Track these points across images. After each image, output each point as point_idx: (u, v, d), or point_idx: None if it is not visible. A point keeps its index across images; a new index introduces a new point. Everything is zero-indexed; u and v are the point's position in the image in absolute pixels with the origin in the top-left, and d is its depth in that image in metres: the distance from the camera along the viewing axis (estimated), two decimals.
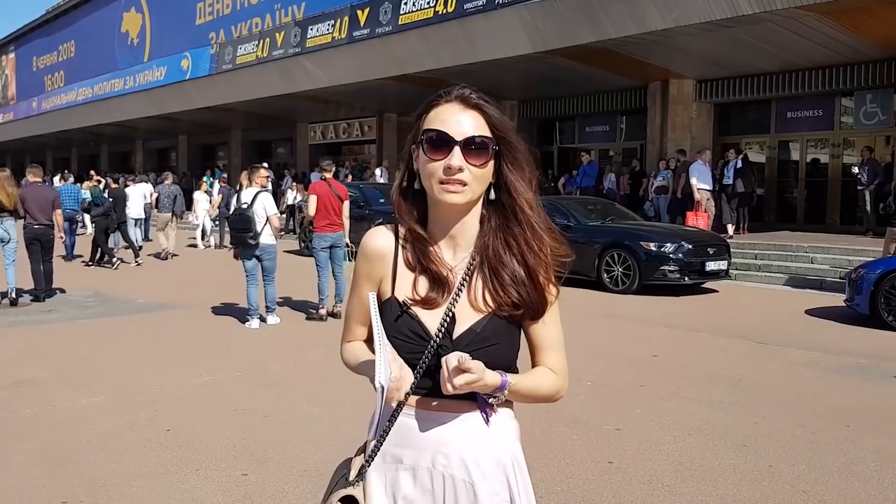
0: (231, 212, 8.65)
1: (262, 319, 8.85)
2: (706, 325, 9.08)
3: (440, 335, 1.58)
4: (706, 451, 4.66)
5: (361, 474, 1.64)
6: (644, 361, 7.17)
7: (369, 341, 1.72)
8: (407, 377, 1.55)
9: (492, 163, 1.60)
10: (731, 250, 12.43)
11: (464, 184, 1.55)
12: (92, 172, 24.05)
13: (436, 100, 1.62)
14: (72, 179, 19.47)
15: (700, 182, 15.43)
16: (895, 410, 5.65)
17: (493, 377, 1.53)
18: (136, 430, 4.99)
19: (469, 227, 1.64)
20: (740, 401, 5.83)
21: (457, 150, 1.54)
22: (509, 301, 1.61)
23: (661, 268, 11.40)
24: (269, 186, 9.26)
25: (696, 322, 9.34)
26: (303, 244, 16.55)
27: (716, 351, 7.73)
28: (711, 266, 11.64)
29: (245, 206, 8.64)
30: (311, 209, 9.13)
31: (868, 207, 15.08)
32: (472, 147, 1.56)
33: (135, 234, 16.43)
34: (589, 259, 12.01)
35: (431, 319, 1.60)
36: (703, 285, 12.12)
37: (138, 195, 17.10)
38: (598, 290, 11.72)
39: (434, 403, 1.61)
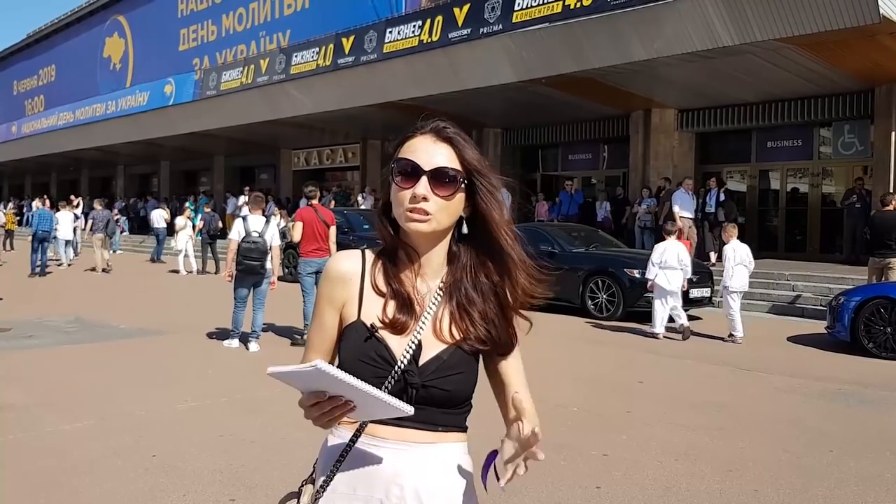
0: (241, 238, 8.69)
1: (244, 342, 8.84)
2: (690, 352, 9.14)
3: (405, 360, 1.56)
4: (692, 476, 4.69)
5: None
6: (630, 388, 7.20)
7: None
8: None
9: (460, 196, 1.59)
10: (714, 278, 12.54)
11: (427, 213, 1.56)
12: (72, 196, 24.00)
13: (412, 132, 1.63)
14: (48, 204, 21.73)
15: (682, 210, 15.59)
16: (877, 436, 5.72)
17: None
18: (122, 455, 4.93)
19: (435, 259, 1.65)
20: (725, 426, 5.87)
21: (424, 179, 1.56)
22: (478, 337, 1.61)
23: (646, 295, 11.46)
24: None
25: (680, 349, 9.41)
26: (286, 270, 16.50)
27: (700, 377, 7.78)
28: (695, 293, 11.73)
29: (256, 234, 8.69)
30: (297, 235, 9.14)
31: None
32: (439, 178, 1.56)
33: (66, 251, 20.19)
34: (573, 286, 12.08)
35: (398, 345, 1.58)
36: (687, 312, 12.17)
37: (67, 219, 20.06)
38: (583, 317, 11.78)
39: (391, 433, 1.59)
